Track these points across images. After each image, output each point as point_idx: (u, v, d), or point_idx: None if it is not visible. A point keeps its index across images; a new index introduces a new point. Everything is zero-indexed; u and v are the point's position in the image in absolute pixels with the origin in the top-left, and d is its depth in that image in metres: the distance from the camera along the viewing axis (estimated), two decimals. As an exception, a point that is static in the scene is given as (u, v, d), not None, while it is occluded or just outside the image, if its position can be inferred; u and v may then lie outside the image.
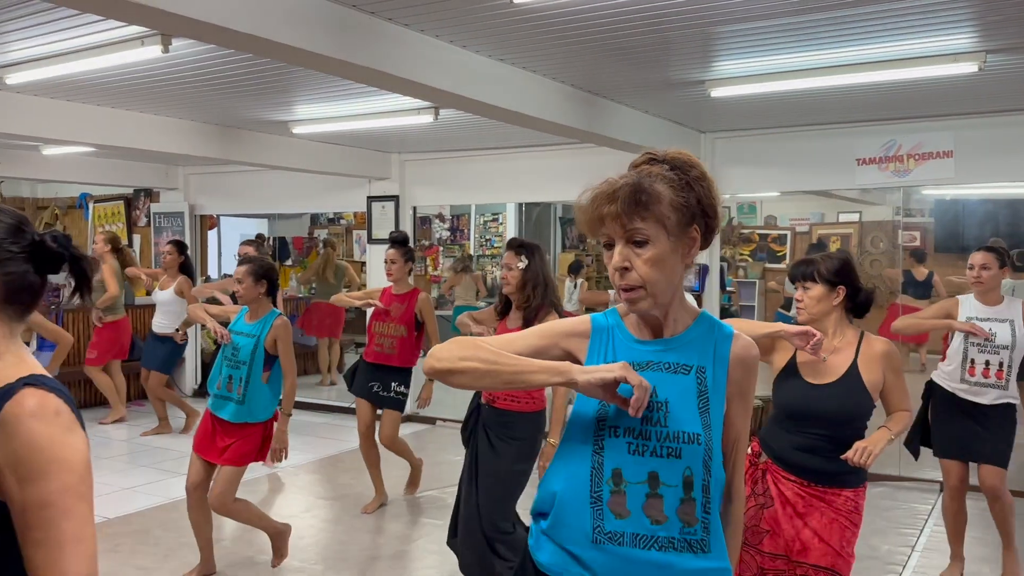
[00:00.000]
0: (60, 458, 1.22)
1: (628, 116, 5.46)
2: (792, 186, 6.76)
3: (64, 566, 1.19)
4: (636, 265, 1.55)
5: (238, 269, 4.11)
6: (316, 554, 4.58)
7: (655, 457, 1.54)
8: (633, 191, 1.54)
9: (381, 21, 3.59)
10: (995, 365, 3.92)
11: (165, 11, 2.78)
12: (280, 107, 5.73)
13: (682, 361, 1.61)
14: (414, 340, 5.16)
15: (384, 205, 7.97)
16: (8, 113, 5.20)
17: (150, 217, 9.43)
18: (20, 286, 1.32)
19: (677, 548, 1.54)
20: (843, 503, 2.71)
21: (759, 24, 3.70)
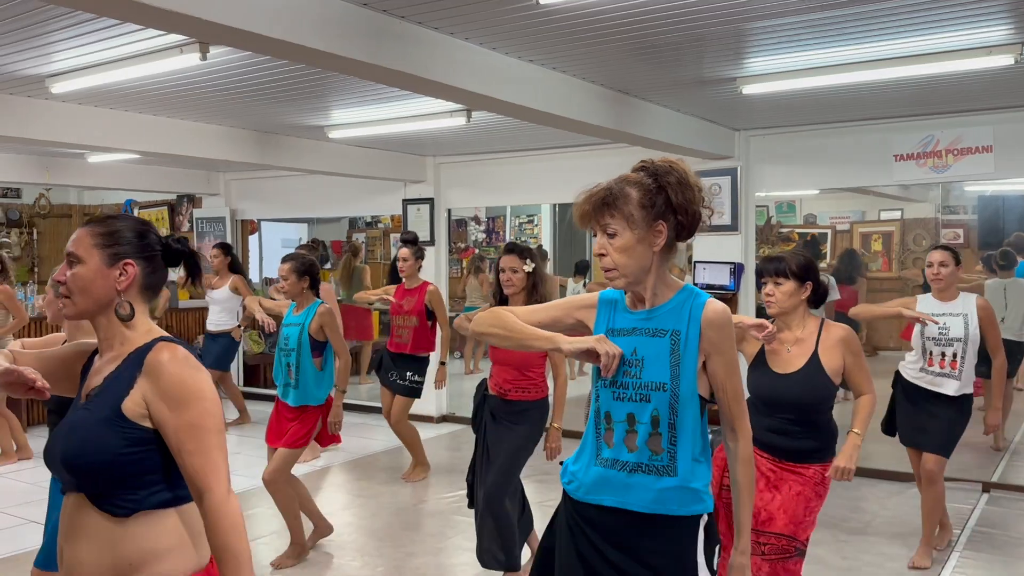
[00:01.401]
0: (197, 389, 1.68)
1: (660, 115, 5.46)
2: (829, 183, 6.68)
3: (216, 464, 1.68)
4: (610, 252, 1.98)
5: (282, 267, 4.44)
6: (355, 549, 4.65)
7: (631, 402, 1.99)
8: (604, 195, 1.97)
9: (412, 25, 3.64)
10: (949, 356, 4.23)
11: (203, 19, 2.86)
12: (316, 112, 5.84)
13: (660, 326, 2.00)
14: (427, 329, 5.78)
15: (419, 208, 8.05)
16: (54, 122, 5.37)
17: (193, 222, 9.64)
18: (156, 277, 1.83)
19: (645, 471, 1.98)
20: (812, 475, 3.04)
21: (791, 20, 3.68)
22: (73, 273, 1.74)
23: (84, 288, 1.74)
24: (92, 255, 1.74)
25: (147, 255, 1.79)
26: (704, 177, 6.41)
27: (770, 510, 2.99)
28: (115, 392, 1.69)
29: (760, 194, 6.68)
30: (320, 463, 6.44)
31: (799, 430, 3.05)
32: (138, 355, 1.72)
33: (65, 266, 1.77)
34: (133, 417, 1.67)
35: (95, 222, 1.80)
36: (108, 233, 1.77)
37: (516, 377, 3.84)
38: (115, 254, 1.75)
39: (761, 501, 3.00)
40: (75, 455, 1.67)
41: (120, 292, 1.75)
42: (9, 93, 5.05)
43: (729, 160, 6.39)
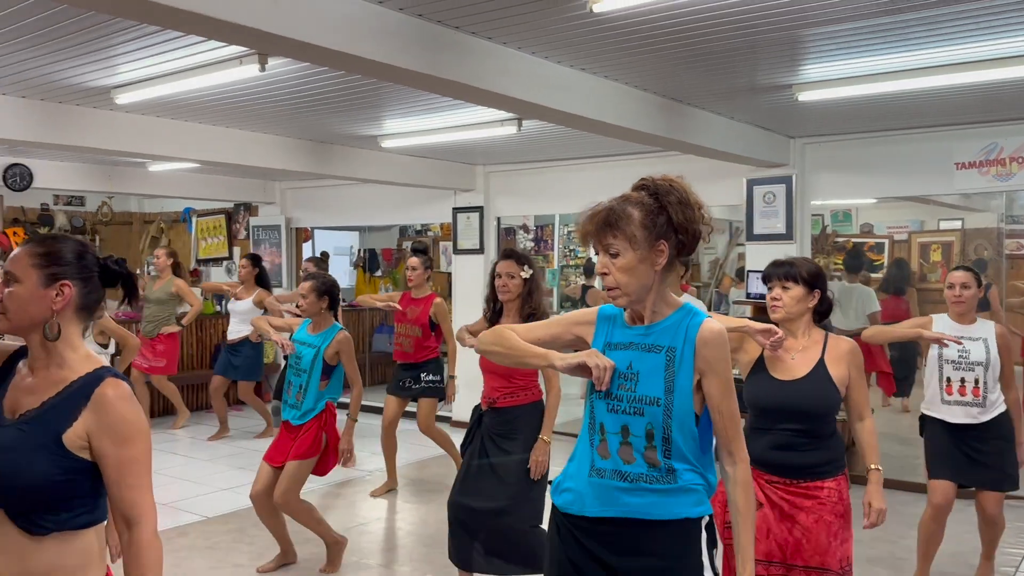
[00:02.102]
0: (140, 427, 1.77)
1: (713, 122, 5.41)
2: (887, 192, 6.53)
3: (148, 500, 1.77)
4: (612, 271, 2.01)
5: (303, 284, 4.39)
6: (404, 555, 4.68)
7: (625, 414, 2.02)
8: (606, 215, 2.00)
9: (466, 35, 3.68)
10: (971, 382, 3.97)
11: (262, 31, 2.93)
12: (370, 122, 5.92)
13: (656, 343, 2.03)
14: (430, 339, 5.82)
15: (469, 216, 8.09)
16: (118, 131, 5.53)
17: (249, 230, 9.83)
18: (93, 298, 1.85)
19: (646, 480, 2.00)
20: (827, 495, 2.85)
21: (849, 26, 3.63)
22: (10, 292, 1.77)
23: (20, 307, 1.76)
24: (29, 275, 1.77)
25: (84, 276, 1.82)
26: (758, 185, 6.37)
27: (791, 542, 2.82)
28: (56, 420, 1.72)
29: (816, 203, 6.58)
30: (367, 469, 6.50)
31: (805, 442, 2.87)
32: (83, 386, 1.75)
33: (2, 284, 1.79)
34: (72, 448, 1.71)
35: (34, 242, 1.82)
36: (46, 254, 1.78)
37: (503, 384, 3.77)
38: (52, 275, 1.77)
39: (784, 530, 2.83)
40: (4, 474, 1.68)
41: (56, 312, 1.77)
42: (76, 104, 5.23)
43: (784, 168, 6.29)
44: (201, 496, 5.73)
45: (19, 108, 5.04)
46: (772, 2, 3.30)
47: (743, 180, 6.42)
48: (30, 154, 7.62)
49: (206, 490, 5.86)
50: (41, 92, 4.91)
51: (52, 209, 10.06)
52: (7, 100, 4.99)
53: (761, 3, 3.31)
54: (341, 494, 5.86)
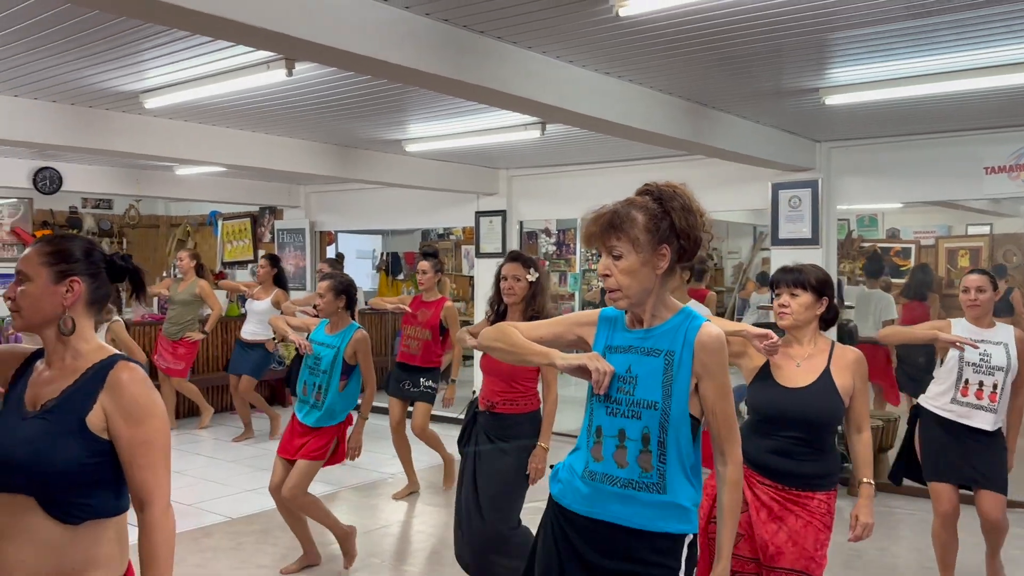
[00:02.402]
0: (152, 408, 1.82)
1: (738, 126, 5.38)
2: (914, 197, 6.47)
3: (160, 479, 1.82)
4: (614, 273, 2.03)
5: (320, 284, 4.41)
6: (424, 558, 4.69)
7: (623, 418, 2.04)
8: (611, 217, 2.03)
9: (490, 40, 3.69)
10: (988, 387, 3.90)
11: (290, 36, 2.95)
12: (394, 126, 5.95)
13: (655, 346, 2.05)
14: (438, 344, 5.84)
15: (492, 220, 8.11)
16: (146, 135, 5.60)
17: (274, 233, 9.91)
18: (102, 292, 1.93)
19: (636, 487, 2.02)
20: (817, 506, 2.85)
21: (876, 29, 3.59)
22: (22, 290, 1.85)
23: (32, 304, 1.84)
24: (40, 273, 1.84)
25: (92, 272, 1.89)
26: (784, 189, 6.33)
27: (776, 543, 2.83)
28: (77, 406, 1.78)
29: (842, 207, 6.52)
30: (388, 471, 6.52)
31: (804, 451, 2.86)
32: (98, 371, 1.82)
33: (15, 283, 1.87)
34: (96, 430, 1.78)
35: (43, 241, 1.90)
36: (55, 252, 1.86)
37: (504, 389, 3.72)
38: (62, 272, 1.85)
39: (767, 533, 2.84)
40: (35, 462, 1.74)
41: (67, 307, 1.85)
42: (105, 108, 5.30)
43: (810, 172, 6.25)
44: (225, 497, 5.77)
45: (50, 112, 5.12)
46: (798, 6, 3.28)
47: (768, 184, 6.38)
48: (60, 157, 7.74)
49: (230, 491, 5.90)
50: (71, 96, 4.99)
51: (81, 212, 10.20)
52: (38, 104, 5.07)
53: (787, 7, 3.29)
54: (362, 497, 5.88)
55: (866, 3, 3.25)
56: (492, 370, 3.75)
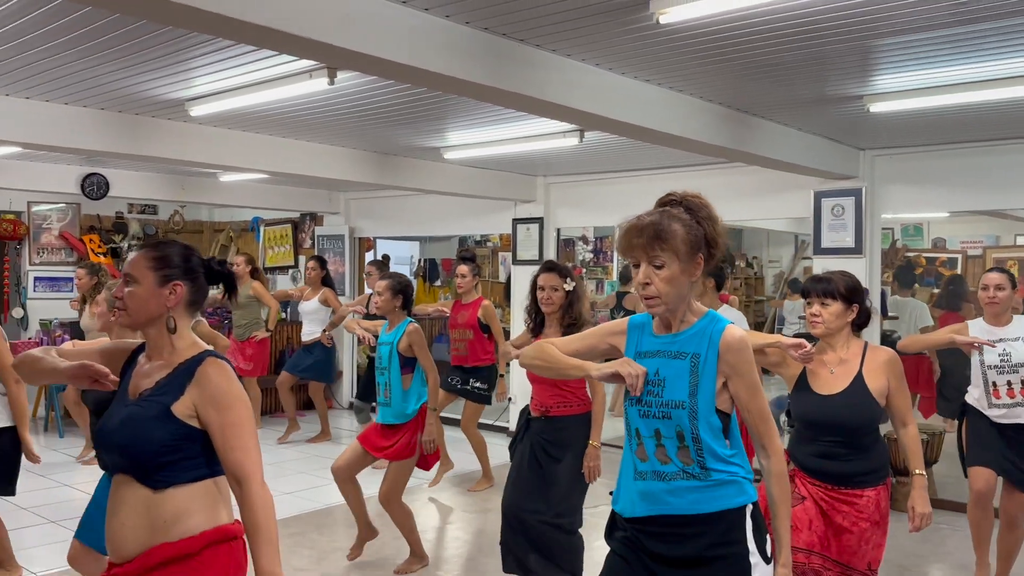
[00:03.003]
0: (238, 396, 2.04)
1: (780, 134, 5.32)
2: (962, 206, 6.33)
3: (253, 457, 2.02)
4: (655, 281, 2.12)
5: (379, 283, 4.52)
6: (459, 566, 4.69)
7: (655, 419, 2.15)
8: (656, 229, 2.10)
9: (530, 48, 3.69)
10: (1017, 384, 3.98)
11: (332, 45, 2.99)
12: (433, 134, 5.98)
13: (682, 350, 2.16)
14: (484, 341, 6.10)
15: (529, 227, 8.11)
16: (192, 143, 5.71)
17: (314, 239, 10.02)
18: (200, 295, 2.16)
19: (684, 478, 2.12)
20: (865, 504, 2.95)
21: (922, 36, 3.53)
22: (130, 291, 2.07)
23: (139, 305, 2.07)
24: (146, 276, 2.07)
25: (192, 276, 2.12)
26: (827, 197, 6.24)
27: (827, 537, 2.95)
28: (167, 395, 2.03)
29: (886, 216, 6.41)
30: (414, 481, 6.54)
31: (847, 452, 2.98)
32: (188, 366, 2.05)
33: (123, 284, 2.08)
34: (181, 416, 2.01)
35: (149, 247, 2.11)
36: (160, 257, 2.09)
37: (555, 393, 3.83)
38: (165, 276, 2.08)
39: (821, 527, 2.96)
40: (128, 443, 2.00)
41: (169, 308, 2.08)
42: (152, 116, 5.41)
43: (853, 180, 6.15)
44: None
45: (98, 120, 5.25)
46: (841, 13, 3.24)
47: (810, 192, 6.30)
48: (107, 164, 7.92)
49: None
50: (119, 104, 5.10)
51: (126, 217, 10.41)
52: (87, 112, 5.20)
53: (830, 14, 3.25)
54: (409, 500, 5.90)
55: (911, 10, 3.20)
56: (538, 380, 3.81)
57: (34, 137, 5.14)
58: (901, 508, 5.69)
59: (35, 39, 3.78)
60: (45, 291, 9.51)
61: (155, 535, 1.98)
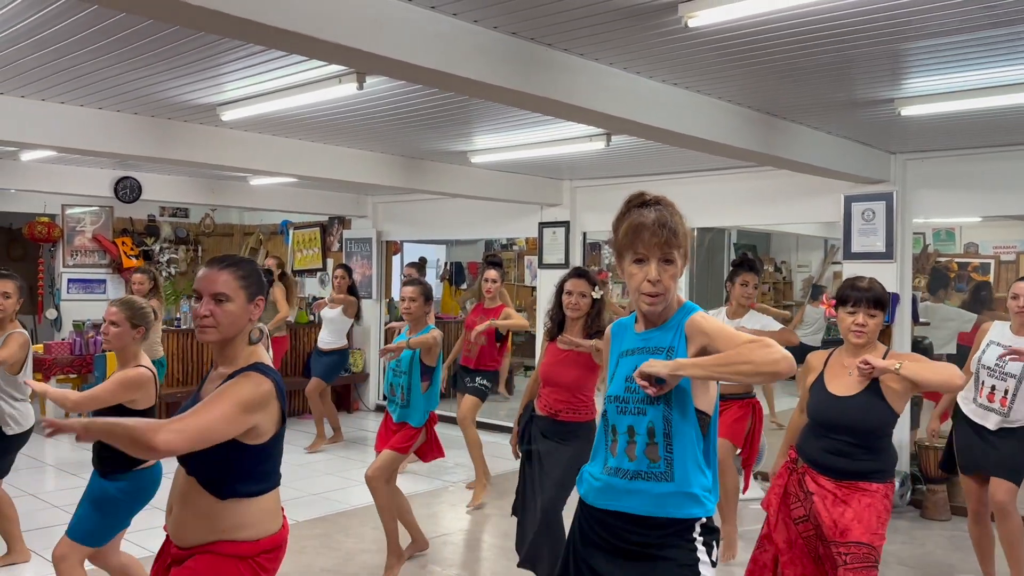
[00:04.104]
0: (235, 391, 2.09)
1: (810, 137, 5.28)
2: (995, 210, 6.23)
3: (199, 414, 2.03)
4: (664, 279, 2.14)
5: (410, 289, 4.56)
6: (487, 568, 4.69)
7: (631, 415, 2.16)
8: (671, 226, 2.14)
9: (558, 52, 3.70)
10: (1000, 392, 4.05)
11: (361, 50, 3.01)
12: (460, 138, 6.00)
13: (659, 344, 2.19)
14: (494, 349, 6.19)
15: (555, 231, 8.11)
16: (223, 147, 5.78)
17: (342, 243, 10.10)
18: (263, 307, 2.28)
19: (644, 478, 2.14)
20: (877, 489, 3.06)
21: (954, 39, 3.49)
22: (224, 309, 2.16)
23: (232, 321, 2.17)
24: (239, 294, 2.18)
25: (264, 291, 2.26)
26: (857, 202, 6.18)
27: (844, 522, 3.03)
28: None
29: (917, 220, 6.32)
30: (445, 480, 6.56)
31: (858, 452, 3.07)
32: (234, 375, 2.16)
33: (209, 302, 2.15)
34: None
35: (232, 265, 2.20)
36: (247, 275, 2.20)
37: (568, 399, 3.85)
38: (252, 293, 2.20)
39: (832, 516, 3.05)
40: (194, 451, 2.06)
41: (252, 322, 2.22)
42: (184, 120, 5.48)
43: (884, 184, 6.08)
44: (289, 500, 5.88)
45: (131, 124, 5.33)
46: (872, 16, 3.20)
47: (840, 196, 6.23)
48: (140, 168, 8.04)
49: (294, 494, 6.01)
50: (152, 109, 5.18)
51: (158, 220, 10.56)
52: (120, 117, 5.28)
53: (860, 17, 3.21)
54: (421, 507, 5.92)
55: (943, 12, 3.16)
56: (555, 382, 3.86)
57: (68, 141, 5.23)
58: (930, 516, 5.66)
59: (69, 45, 3.84)
60: (78, 292, 9.67)
61: (211, 536, 2.14)
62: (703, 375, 2.07)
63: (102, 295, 9.74)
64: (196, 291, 2.19)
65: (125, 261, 9.85)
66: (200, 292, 2.17)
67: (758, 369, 2.00)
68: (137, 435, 1.90)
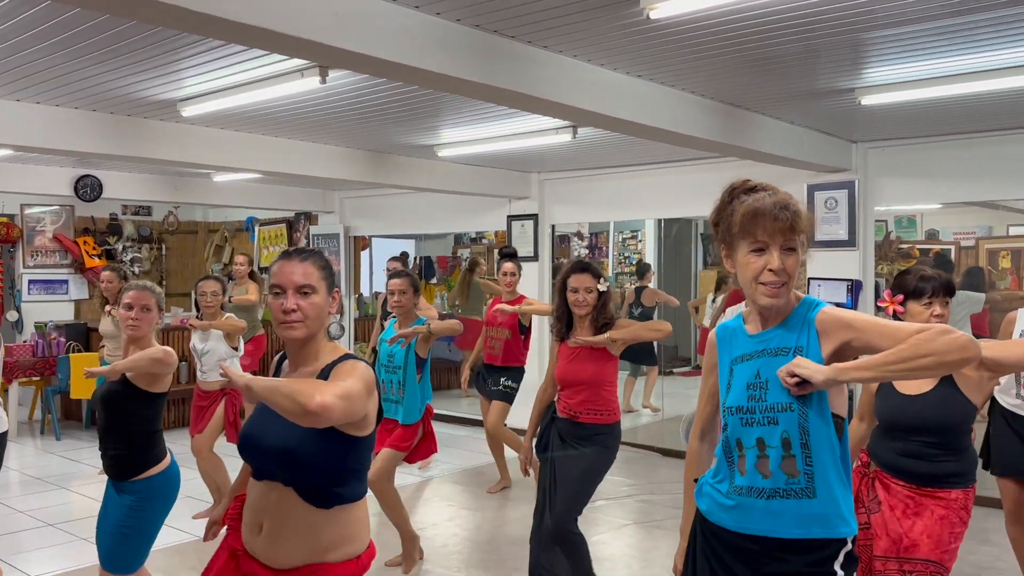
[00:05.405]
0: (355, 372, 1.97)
1: (772, 127, 5.33)
2: (955, 197, 6.35)
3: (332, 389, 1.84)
4: (787, 267, 1.92)
5: (398, 282, 4.43)
6: (459, 562, 4.70)
7: (760, 426, 1.94)
8: (794, 208, 1.93)
9: (521, 44, 3.69)
10: None
11: (323, 44, 2.98)
12: (426, 132, 5.98)
13: (782, 345, 1.96)
14: (519, 342, 5.87)
15: (524, 224, 8.11)
16: (185, 143, 5.70)
17: (309, 239, 10.01)
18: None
19: (783, 495, 1.91)
20: (955, 498, 2.82)
21: (914, 28, 3.54)
22: (311, 302, 2.03)
23: (318, 314, 2.05)
24: (322, 287, 2.05)
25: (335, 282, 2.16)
26: (820, 191, 6.25)
27: (912, 536, 2.81)
28: None
29: (879, 208, 6.42)
30: (428, 473, 6.55)
31: (939, 453, 2.83)
32: (328, 370, 2.02)
33: (295, 296, 2.01)
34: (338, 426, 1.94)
35: (313, 255, 2.07)
36: (326, 266, 2.09)
37: (588, 398, 3.64)
38: (331, 284, 2.09)
39: (901, 527, 2.83)
40: (288, 458, 1.95)
41: (331, 315, 2.10)
42: (144, 117, 5.40)
43: (846, 173, 6.17)
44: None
45: (90, 121, 5.23)
46: (832, 5, 3.24)
47: (803, 186, 6.31)
48: (100, 165, 7.90)
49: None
50: (111, 106, 5.09)
51: (121, 219, 10.40)
52: (78, 113, 5.18)
53: (820, 6, 3.25)
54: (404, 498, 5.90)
55: (903, 1, 3.20)
56: (573, 382, 3.67)
57: (26, 139, 5.13)
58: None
59: (25, 41, 3.76)
60: (40, 294, 9.50)
61: (313, 555, 1.98)
62: (872, 377, 1.87)
63: (64, 296, 9.58)
64: (277, 286, 2.03)
65: (87, 261, 9.68)
66: (282, 286, 2.01)
67: (943, 360, 1.76)
68: (295, 395, 1.75)
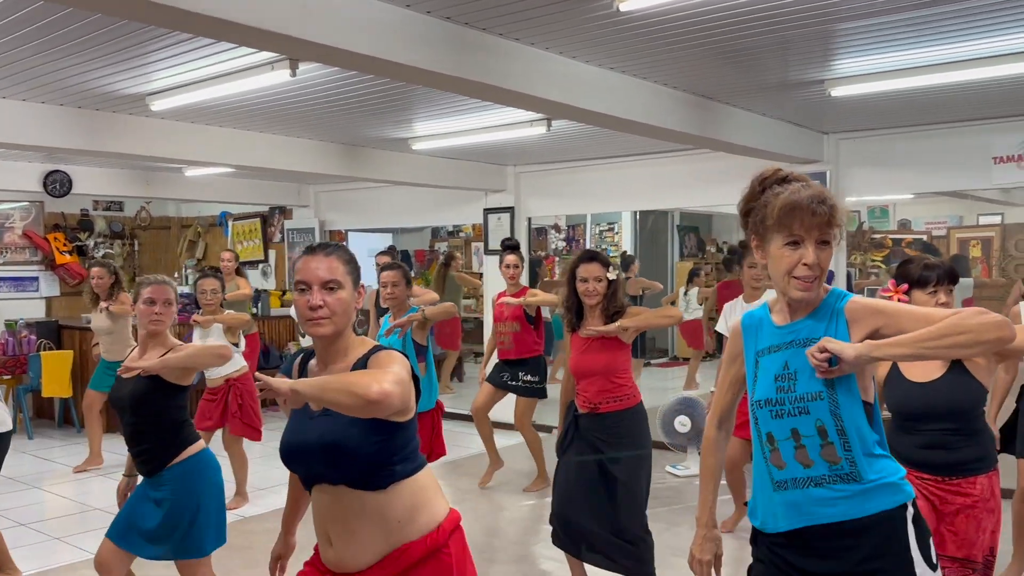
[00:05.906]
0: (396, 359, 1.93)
1: (744, 119, 5.36)
2: (924, 187, 6.43)
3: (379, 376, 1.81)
4: (821, 261, 1.91)
5: (391, 274, 4.42)
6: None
7: (791, 417, 1.93)
8: (831, 202, 1.90)
9: (493, 37, 3.68)
10: None
11: (291, 36, 2.96)
12: (401, 125, 5.95)
13: (812, 335, 1.93)
14: (530, 333, 5.73)
15: (500, 217, 8.11)
16: (154, 137, 5.63)
17: (284, 233, 9.95)
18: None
19: (830, 482, 1.90)
20: (980, 491, 2.80)
21: (883, 19, 3.57)
22: (337, 297, 1.98)
23: (345, 310, 2.00)
24: (347, 281, 2.00)
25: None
26: (791, 182, 6.29)
27: (940, 532, 2.78)
28: None
29: (851, 199, 6.48)
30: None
31: (956, 439, 2.82)
32: (361, 362, 1.98)
33: (321, 292, 1.96)
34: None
35: (338, 251, 2.03)
36: (351, 260, 2.04)
37: (604, 386, 3.58)
38: (356, 279, 2.04)
39: (931, 524, 2.74)
40: (331, 454, 1.91)
41: (357, 310, 2.05)
42: (112, 111, 5.33)
43: (818, 164, 6.22)
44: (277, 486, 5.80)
45: (57, 116, 5.16)
46: (802, -3, 3.26)
47: (776, 177, 6.35)
48: (69, 161, 7.79)
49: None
50: (78, 100, 5.02)
51: (92, 214, 10.26)
52: (46, 108, 5.11)
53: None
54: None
55: (870, -7, 3.24)
56: (588, 372, 3.62)
57: (-9, 134, 5.05)
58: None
59: (-12, 34, 3.70)
60: (9, 291, 9.36)
61: (391, 538, 1.95)
62: (907, 354, 1.86)
63: (35, 293, 9.45)
64: (303, 282, 1.97)
65: (58, 257, 9.56)
66: (308, 282, 1.96)
67: (979, 338, 1.77)
68: (351, 387, 1.75)
